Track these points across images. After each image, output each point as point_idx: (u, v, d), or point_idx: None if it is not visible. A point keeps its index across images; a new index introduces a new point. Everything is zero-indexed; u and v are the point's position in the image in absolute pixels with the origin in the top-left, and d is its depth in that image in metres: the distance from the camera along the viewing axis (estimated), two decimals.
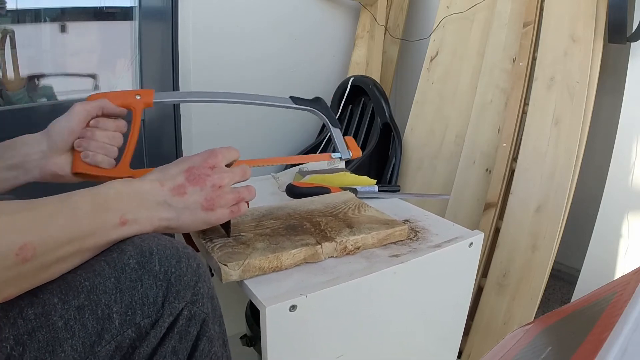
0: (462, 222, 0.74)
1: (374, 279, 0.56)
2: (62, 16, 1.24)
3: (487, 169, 1.26)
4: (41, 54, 1.25)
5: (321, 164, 0.93)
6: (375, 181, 0.87)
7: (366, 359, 0.61)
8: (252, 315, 0.80)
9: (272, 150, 1.65)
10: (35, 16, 1.20)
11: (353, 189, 0.82)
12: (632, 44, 1.07)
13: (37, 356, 0.37)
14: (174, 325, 0.43)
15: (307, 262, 0.58)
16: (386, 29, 1.67)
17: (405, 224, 0.68)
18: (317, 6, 1.65)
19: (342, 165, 0.94)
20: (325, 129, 1.65)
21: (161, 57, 1.37)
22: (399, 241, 0.65)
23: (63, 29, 1.25)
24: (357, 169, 1.38)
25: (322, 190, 0.79)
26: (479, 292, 1.18)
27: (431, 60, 1.47)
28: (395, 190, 0.86)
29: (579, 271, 1.14)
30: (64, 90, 1.28)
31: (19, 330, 0.37)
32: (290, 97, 0.73)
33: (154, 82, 1.37)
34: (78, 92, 1.31)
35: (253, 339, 0.78)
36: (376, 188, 0.84)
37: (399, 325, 0.64)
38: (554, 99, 1.13)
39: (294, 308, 0.50)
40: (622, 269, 1.06)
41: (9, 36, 1.16)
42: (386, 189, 0.85)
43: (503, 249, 1.16)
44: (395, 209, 0.79)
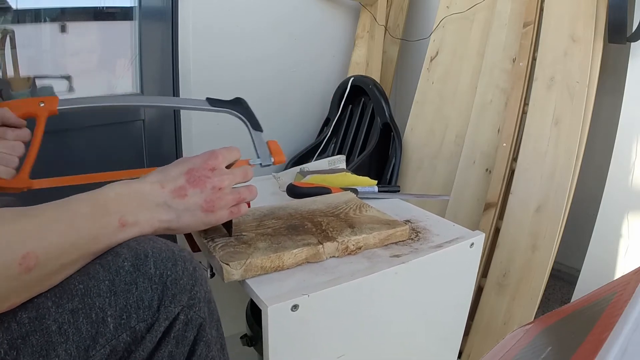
0: (462, 222, 0.74)
1: (376, 279, 0.56)
2: (62, 16, 1.24)
3: (487, 169, 1.26)
4: (41, 54, 1.25)
5: (322, 164, 0.93)
6: (376, 182, 0.87)
7: (367, 358, 0.61)
8: (253, 315, 0.80)
9: None
10: (35, 16, 1.20)
11: (354, 189, 0.82)
12: (632, 44, 1.07)
13: None
14: (171, 330, 0.42)
15: (308, 261, 0.58)
16: (386, 29, 1.67)
17: (407, 224, 0.69)
18: (317, 6, 1.65)
19: (343, 165, 0.95)
20: (325, 129, 1.65)
21: (161, 57, 1.37)
22: (400, 241, 0.65)
23: (63, 29, 1.25)
24: (357, 169, 1.38)
25: (323, 191, 0.79)
26: (479, 292, 1.18)
27: (431, 60, 1.47)
28: (395, 190, 0.86)
29: (579, 271, 1.14)
30: (64, 89, 1.28)
31: (12, 335, 0.37)
32: (207, 98, 0.69)
33: (154, 82, 1.37)
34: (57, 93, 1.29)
35: (253, 338, 0.78)
36: (376, 188, 0.84)
37: (400, 325, 0.64)
38: (554, 99, 1.13)
39: (295, 308, 0.50)
40: (622, 269, 1.06)
41: (9, 36, 1.16)
42: (386, 189, 0.85)
43: (503, 249, 1.16)
44: (396, 209, 0.79)
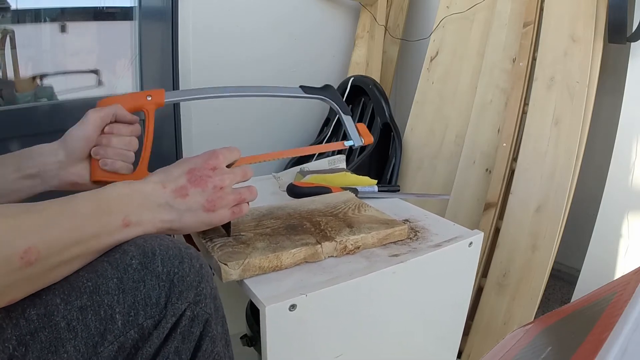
0: (462, 222, 0.74)
1: (374, 278, 0.56)
2: (62, 16, 1.24)
3: (487, 169, 1.26)
4: (41, 54, 1.25)
5: (322, 163, 0.93)
6: (376, 181, 0.87)
7: (365, 358, 0.61)
8: (253, 315, 0.80)
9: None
10: (35, 16, 1.20)
11: (354, 189, 0.82)
12: (632, 44, 1.07)
13: (40, 356, 0.37)
14: (177, 326, 0.43)
15: (307, 261, 0.58)
16: (386, 29, 1.67)
17: (405, 223, 0.68)
18: (317, 6, 1.65)
19: (343, 165, 0.95)
20: (325, 129, 1.65)
21: (161, 57, 1.37)
22: (398, 241, 0.65)
23: (63, 29, 1.25)
24: (357, 169, 1.38)
25: (323, 190, 0.79)
26: (479, 292, 1.18)
27: (431, 60, 1.47)
28: (395, 190, 0.86)
29: (579, 271, 1.14)
30: (64, 89, 1.28)
31: (21, 331, 0.37)
32: (301, 86, 0.72)
33: (154, 82, 1.37)
34: (80, 89, 1.31)
35: (253, 338, 0.78)
36: (376, 188, 0.84)
37: (398, 325, 0.64)
38: (554, 99, 1.13)
39: (293, 307, 0.50)
40: (622, 269, 1.06)
41: (9, 36, 1.16)
42: (386, 189, 0.85)
43: (503, 249, 1.16)
44: (395, 208, 0.79)
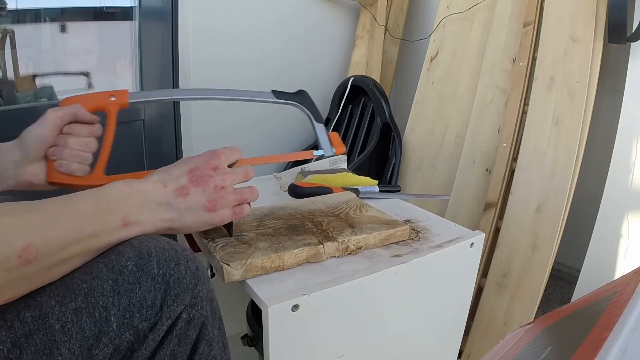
0: (462, 222, 0.74)
1: (376, 279, 0.56)
2: (62, 16, 1.24)
3: (487, 169, 1.26)
4: (41, 54, 1.25)
5: (323, 163, 0.93)
6: (377, 181, 0.87)
7: (367, 358, 0.61)
8: (253, 315, 0.80)
9: (272, 150, 1.65)
10: (35, 16, 1.20)
11: (355, 189, 0.82)
12: (632, 44, 1.07)
13: (34, 359, 0.37)
14: (173, 329, 0.42)
15: (309, 261, 0.58)
16: (386, 29, 1.67)
17: (407, 224, 0.69)
18: (317, 6, 1.65)
19: (344, 165, 0.95)
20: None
21: (161, 57, 1.37)
22: (400, 241, 0.65)
23: (63, 29, 1.25)
24: (357, 169, 1.38)
25: (324, 191, 0.79)
26: (479, 292, 1.18)
27: (431, 60, 1.47)
28: (396, 190, 0.86)
29: (579, 271, 1.15)
30: (64, 89, 1.28)
31: (16, 333, 0.37)
32: (272, 90, 0.71)
33: (154, 82, 1.37)
34: (73, 91, 1.30)
35: (254, 338, 0.78)
36: (377, 188, 0.84)
37: (400, 325, 0.64)
38: (554, 99, 1.13)
39: (296, 308, 0.50)
40: (622, 269, 1.06)
41: (9, 36, 1.16)
42: (387, 189, 0.85)
43: (503, 249, 1.16)
44: (396, 209, 0.79)
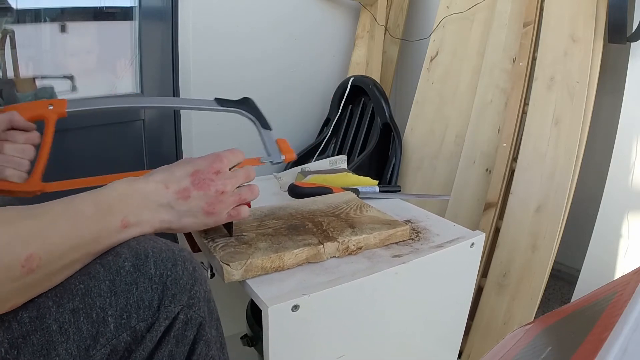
0: (462, 222, 0.74)
1: (376, 279, 0.56)
2: (62, 16, 1.24)
3: (487, 169, 1.26)
4: (41, 54, 1.25)
5: (323, 164, 0.93)
6: (377, 182, 0.87)
7: (367, 359, 0.61)
8: (253, 315, 0.80)
9: None
10: (35, 16, 1.20)
11: (355, 189, 0.82)
12: (632, 44, 1.07)
13: None
14: (171, 329, 0.42)
15: (309, 262, 0.58)
16: (386, 29, 1.67)
17: (407, 224, 0.69)
18: (317, 6, 1.65)
19: (344, 165, 0.95)
20: (325, 129, 1.65)
21: (161, 57, 1.37)
22: (400, 241, 0.65)
23: (63, 29, 1.25)
24: (357, 169, 1.38)
25: (324, 191, 0.79)
26: (479, 292, 1.18)
27: (431, 60, 1.47)
28: (396, 190, 0.86)
29: (579, 271, 1.15)
30: (67, 89, 1.28)
31: (13, 334, 0.37)
32: (215, 98, 0.69)
33: (154, 82, 1.37)
34: (63, 93, 1.29)
35: (254, 339, 0.78)
36: (377, 188, 0.84)
37: (400, 325, 0.64)
38: (554, 99, 1.13)
39: (296, 308, 0.50)
40: (622, 269, 1.06)
41: (9, 36, 1.16)
42: (387, 189, 0.85)
43: (503, 249, 1.16)
44: (397, 209, 0.79)
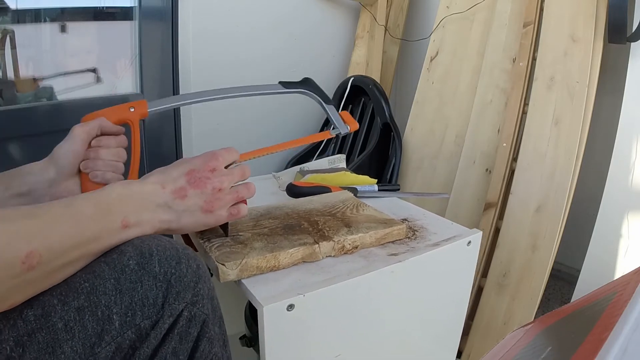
0: (462, 222, 0.74)
1: (372, 278, 0.56)
2: (62, 16, 1.24)
3: (487, 169, 1.26)
4: (41, 54, 1.25)
5: (322, 163, 0.93)
6: (376, 180, 0.87)
7: (364, 358, 0.61)
8: (251, 315, 0.80)
9: None
10: (35, 16, 1.20)
11: (353, 189, 0.82)
12: (632, 44, 1.06)
13: (37, 357, 0.37)
14: (174, 327, 0.43)
15: (304, 261, 0.58)
16: (386, 29, 1.67)
17: (404, 223, 0.68)
18: (317, 6, 1.65)
19: (343, 165, 0.95)
20: (325, 127, 1.65)
21: (161, 57, 1.37)
22: (397, 240, 0.65)
23: (63, 29, 1.25)
24: (357, 169, 1.38)
25: (323, 190, 0.79)
26: (479, 292, 1.17)
27: (431, 60, 1.47)
28: (395, 189, 0.86)
29: (579, 271, 1.14)
30: (64, 88, 1.28)
31: (18, 332, 0.37)
32: (280, 82, 0.72)
33: (154, 82, 1.37)
34: (80, 88, 1.30)
35: (252, 339, 0.78)
36: (376, 187, 0.84)
37: (397, 324, 0.63)
38: (554, 99, 1.13)
39: (291, 307, 0.50)
40: (622, 269, 1.06)
41: (9, 36, 1.16)
42: (386, 188, 0.85)
43: (503, 249, 1.15)
44: (394, 208, 0.79)
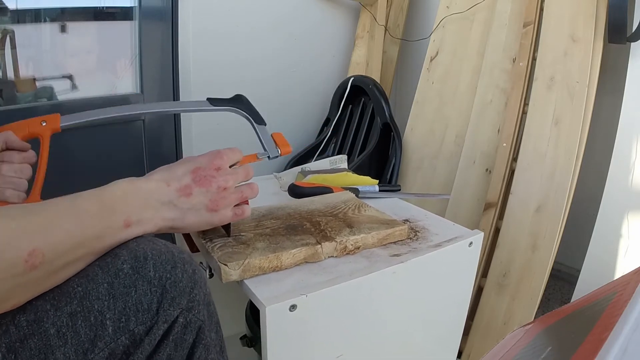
0: (462, 222, 0.74)
1: (374, 278, 0.56)
2: (62, 16, 1.24)
3: (487, 169, 1.26)
4: (41, 54, 1.25)
5: (323, 163, 0.93)
6: (377, 181, 0.87)
7: (366, 358, 0.61)
8: (252, 316, 0.80)
9: None
10: (35, 16, 1.20)
11: (355, 189, 0.82)
12: (632, 44, 1.07)
13: None
14: (169, 333, 0.42)
15: (307, 261, 0.58)
16: (386, 29, 1.67)
17: (405, 223, 0.68)
18: (317, 6, 1.64)
19: (345, 165, 0.95)
20: (325, 129, 1.64)
21: (161, 57, 1.37)
22: (399, 241, 0.65)
23: (63, 29, 1.25)
24: (357, 169, 1.38)
25: (325, 191, 0.79)
26: (479, 292, 1.17)
27: (431, 60, 1.47)
28: (397, 190, 0.86)
29: (579, 271, 1.14)
30: (64, 88, 1.28)
31: (11, 338, 0.37)
32: (208, 98, 0.69)
33: (154, 82, 1.37)
34: (62, 92, 1.29)
35: (253, 339, 0.78)
36: (377, 188, 0.84)
37: (398, 325, 0.64)
38: (554, 99, 1.13)
39: (294, 308, 0.50)
40: (622, 269, 1.06)
41: (9, 36, 1.16)
42: (387, 188, 0.85)
43: (503, 249, 1.16)
44: (396, 208, 0.79)
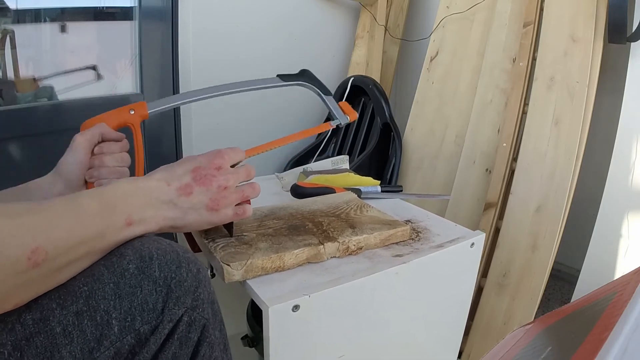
0: (462, 222, 0.74)
1: (377, 279, 0.56)
2: (62, 16, 1.24)
3: (487, 169, 1.26)
4: (41, 54, 1.25)
5: (325, 164, 0.93)
6: (379, 182, 0.87)
7: (368, 358, 0.61)
8: (254, 316, 0.80)
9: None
10: (35, 16, 1.20)
11: (357, 190, 0.82)
12: (632, 44, 1.07)
13: None
14: (174, 331, 0.42)
15: (309, 262, 0.58)
16: (386, 29, 1.67)
17: (407, 224, 0.69)
18: (317, 6, 1.65)
19: (346, 165, 0.95)
20: None
21: (161, 57, 1.37)
22: (401, 241, 0.65)
23: (63, 29, 1.25)
24: (358, 169, 1.38)
25: (327, 191, 0.79)
26: (479, 292, 1.18)
27: (431, 60, 1.47)
28: (398, 190, 0.86)
29: (579, 271, 1.15)
30: (64, 87, 1.28)
31: (17, 336, 0.37)
32: (278, 75, 0.74)
33: (154, 82, 1.37)
34: (81, 85, 1.31)
35: (254, 339, 0.78)
36: (379, 188, 0.84)
37: (400, 325, 0.64)
38: (554, 99, 1.13)
39: (296, 308, 0.50)
40: (622, 269, 1.06)
41: (9, 36, 1.16)
42: (389, 189, 0.85)
43: (503, 249, 1.16)
44: (397, 209, 0.79)
